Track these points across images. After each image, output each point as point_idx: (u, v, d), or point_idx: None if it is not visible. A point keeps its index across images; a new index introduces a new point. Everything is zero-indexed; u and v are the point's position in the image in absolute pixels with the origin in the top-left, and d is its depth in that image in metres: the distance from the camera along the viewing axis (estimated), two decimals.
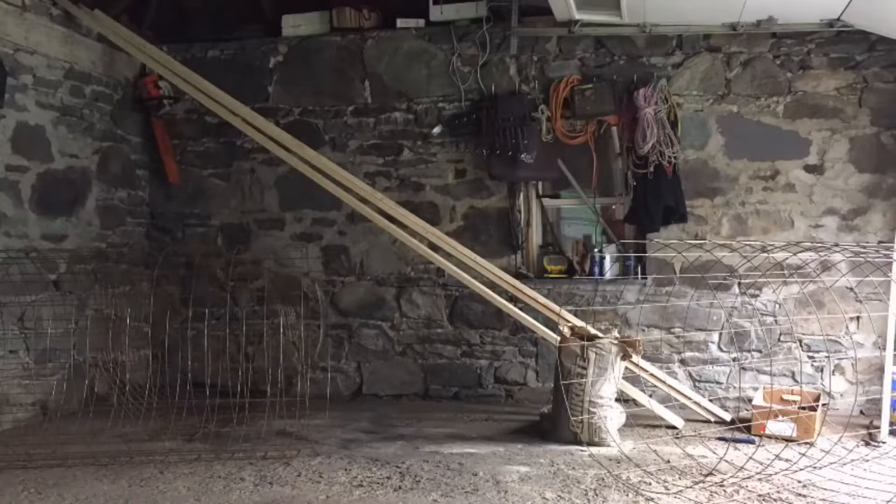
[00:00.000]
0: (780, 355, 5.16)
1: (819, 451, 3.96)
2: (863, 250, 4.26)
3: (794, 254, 3.99)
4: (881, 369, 4.53)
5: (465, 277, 5.07)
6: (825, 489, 3.53)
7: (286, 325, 5.41)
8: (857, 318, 5.03)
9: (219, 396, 4.75)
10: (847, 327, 5.08)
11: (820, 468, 3.78)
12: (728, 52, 5.25)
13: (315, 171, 5.18)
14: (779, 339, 5.20)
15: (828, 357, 5.14)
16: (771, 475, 3.64)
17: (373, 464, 3.99)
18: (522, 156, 5.30)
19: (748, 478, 3.64)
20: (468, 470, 3.87)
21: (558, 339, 4.59)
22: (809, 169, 5.19)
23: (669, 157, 5.12)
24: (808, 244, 4.55)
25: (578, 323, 4.79)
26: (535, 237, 5.68)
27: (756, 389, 5.02)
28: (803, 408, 4.59)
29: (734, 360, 5.22)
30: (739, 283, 5.16)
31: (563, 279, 5.46)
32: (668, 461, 3.98)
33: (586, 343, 4.38)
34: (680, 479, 3.69)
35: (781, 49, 5.19)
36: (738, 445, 4.19)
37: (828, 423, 4.47)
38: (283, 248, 5.82)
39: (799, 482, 3.61)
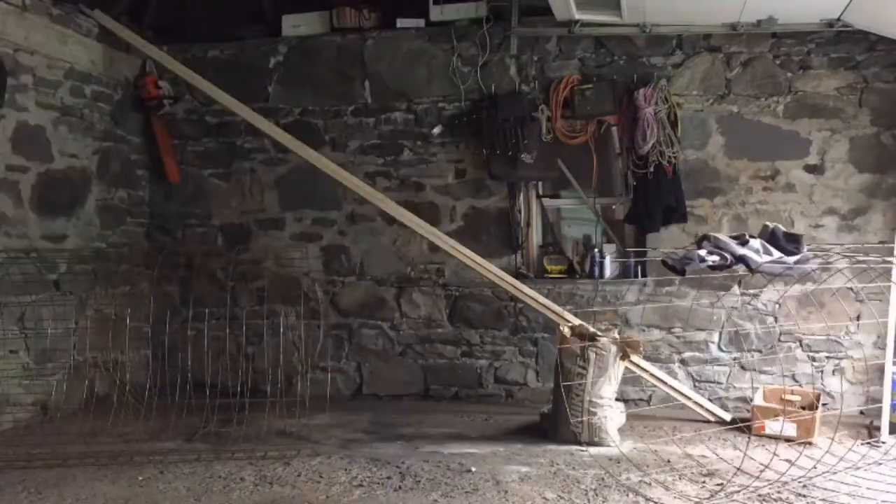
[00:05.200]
0: (780, 355, 5.16)
1: (831, 455, 3.93)
2: (865, 257, 4.22)
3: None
4: (881, 369, 4.53)
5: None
6: (825, 489, 3.53)
7: (286, 325, 5.40)
8: (858, 318, 5.02)
9: (219, 396, 4.75)
10: (847, 327, 5.08)
11: (835, 472, 3.74)
12: (728, 52, 5.25)
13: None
14: (779, 339, 5.20)
15: (828, 357, 5.14)
16: (785, 483, 3.59)
17: (373, 464, 3.99)
18: (522, 156, 5.29)
19: (762, 485, 3.64)
20: (468, 470, 3.87)
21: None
22: (809, 169, 5.18)
23: (669, 157, 5.12)
24: (813, 248, 4.51)
25: (577, 322, 4.79)
26: (535, 237, 5.67)
27: (756, 389, 5.02)
28: (803, 408, 4.59)
29: (734, 360, 5.22)
30: (740, 283, 5.16)
31: (563, 279, 5.46)
32: (668, 461, 3.98)
33: (586, 343, 4.38)
34: (680, 479, 3.69)
35: (781, 49, 5.18)
36: (738, 446, 4.19)
37: (828, 423, 4.47)
38: (283, 248, 5.81)
39: (799, 482, 3.61)
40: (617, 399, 4.61)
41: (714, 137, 5.28)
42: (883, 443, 4.29)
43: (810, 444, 4.22)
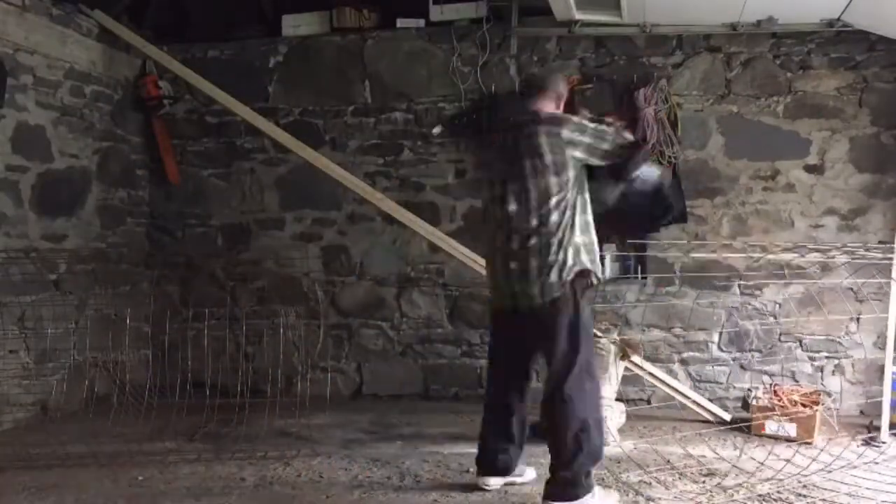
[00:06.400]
0: (780, 355, 5.16)
1: (827, 454, 3.93)
2: (864, 251, 4.23)
3: (803, 255, 3.98)
4: (881, 369, 4.53)
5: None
6: (825, 489, 3.53)
7: (286, 325, 5.40)
8: (858, 318, 5.02)
9: (219, 396, 4.75)
10: (847, 327, 5.08)
11: (830, 471, 3.75)
12: (728, 52, 5.25)
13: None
14: (779, 339, 5.20)
15: (828, 357, 5.14)
16: (782, 480, 3.60)
17: (373, 464, 3.99)
18: None
19: (764, 480, 3.64)
20: (468, 470, 3.86)
21: None
22: (809, 169, 5.19)
23: (669, 157, 5.11)
24: (812, 246, 4.52)
25: None
26: None
27: (756, 389, 5.02)
28: (803, 406, 4.59)
29: (734, 360, 5.22)
30: (740, 283, 5.16)
31: None
32: (669, 461, 3.98)
33: None
34: (680, 478, 3.69)
35: (781, 49, 5.19)
36: (738, 446, 4.19)
37: (827, 423, 4.47)
38: (283, 248, 5.81)
39: (799, 482, 3.60)
40: (617, 399, 4.61)
41: (714, 137, 5.29)
42: (883, 442, 4.29)
43: (810, 444, 4.22)
